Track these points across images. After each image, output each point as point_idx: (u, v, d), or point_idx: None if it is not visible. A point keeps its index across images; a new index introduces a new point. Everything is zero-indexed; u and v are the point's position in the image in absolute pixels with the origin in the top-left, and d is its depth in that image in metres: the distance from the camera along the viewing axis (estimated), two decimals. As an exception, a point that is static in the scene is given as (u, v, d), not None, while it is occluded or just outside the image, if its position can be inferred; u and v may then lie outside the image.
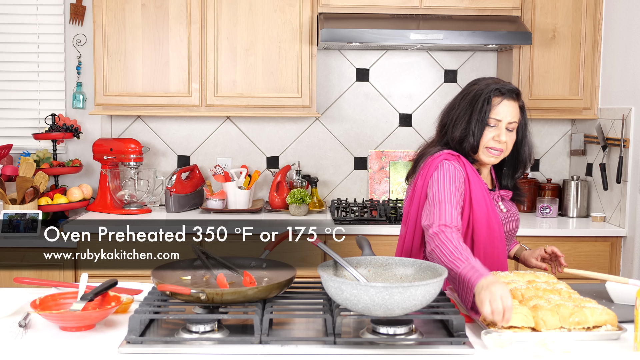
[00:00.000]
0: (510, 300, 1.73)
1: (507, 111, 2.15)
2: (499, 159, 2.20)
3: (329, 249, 1.87)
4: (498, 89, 2.16)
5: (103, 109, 3.58)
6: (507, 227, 2.27)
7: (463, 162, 2.17)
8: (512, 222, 2.30)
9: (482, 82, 2.22)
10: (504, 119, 2.15)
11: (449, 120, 2.24)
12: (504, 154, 2.20)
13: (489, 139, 2.16)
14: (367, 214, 3.52)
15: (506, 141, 2.16)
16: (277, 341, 1.65)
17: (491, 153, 2.18)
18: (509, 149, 2.20)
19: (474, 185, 2.15)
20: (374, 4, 3.51)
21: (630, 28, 3.36)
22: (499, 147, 2.16)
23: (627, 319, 1.88)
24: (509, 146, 2.19)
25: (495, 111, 2.15)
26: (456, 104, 2.24)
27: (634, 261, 3.28)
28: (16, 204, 3.39)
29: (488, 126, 2.15)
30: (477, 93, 2.18)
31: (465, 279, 1.86)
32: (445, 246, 1.95)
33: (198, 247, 2.06)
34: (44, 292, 2.04)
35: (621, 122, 3.38)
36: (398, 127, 3.96)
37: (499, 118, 2.15)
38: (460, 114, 2.20)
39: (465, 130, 2.17)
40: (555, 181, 3.93)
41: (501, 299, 1.72)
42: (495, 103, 2.15)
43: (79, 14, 3.79)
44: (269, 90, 3.57)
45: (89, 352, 1.63)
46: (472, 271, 1.85)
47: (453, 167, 2.13)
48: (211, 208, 3.67)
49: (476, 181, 2.16)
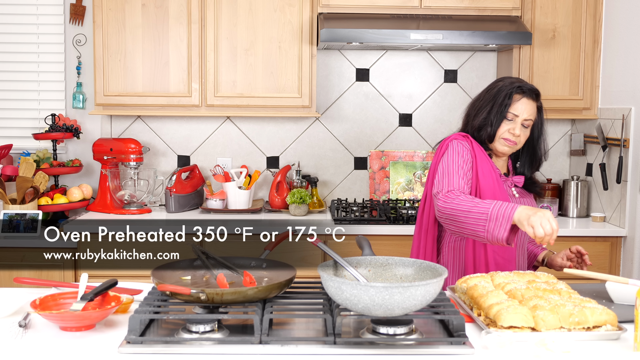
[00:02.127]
0: (556, 222, 1.99)
1: (524, 108, 2.35)
2: (512, 150, 2.39)
3: (329, 249, 1.87)
4: (520, 87, 2.37)
5: (103, 109, 3.58)
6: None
7: (471, 141, 2.37)
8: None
9: (507, 80, 2.41)
10: (521, 114, 2.35)
11: (472, 110, 2.44)
12: (517, 147, 2.38)
13: (505, 130, 2.35)
14: (367, 214, 3.52)
15: (520, 135, 2.35)
16: (277, 341, 1.64)
17: (506, 143, 2.36)
18: (521, 144, 2.39)
19: (480, 161, 2.34)
20: (374, 4, 3.51)
21: (630, 28, 3.36)
22: (512, 139, 2.35)
23: (627, 319, 1.88)
24: (522, 141, 2.38)
25: (514, 106, 2.35)
26: (481, 97, 2.44)
27: (634, 261, 3.28)
28: (16, 204, 3.39)
29: (506, 119, 2.35)
30: (501, 88, 2.38)
31: (500, 212, 2.06)
32: (460, 199, 2.16)
33: (198, 247, 2.06)
34: (44, 292, 2.03)
35: (621, 122, 3.38)
36: (398, 127, 3.96)
37: (516, 113, 2.34)
38: (482, 105, 2.40)
39: (485, 120, 2.37)
40: (555, 181, 3.93)
41: (549, 221, 1.97)
42: (516, 99, 2.35)
43: (79, 14, 3.79)
44: (269, 90, 3.57)
45: (89, 352, 1.63)
46: (504, 205, 2.07)
47: (461, 145, 2.35)
48: (211, 208, 3.67)
49: (482, 158, 2.35)
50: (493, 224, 2.07)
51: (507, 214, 2.04)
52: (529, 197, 2.48)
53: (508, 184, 2.42)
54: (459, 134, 2.40)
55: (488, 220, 2.08)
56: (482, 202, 2.13)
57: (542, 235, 1.97)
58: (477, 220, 2.09)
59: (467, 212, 2.12)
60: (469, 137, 2.38)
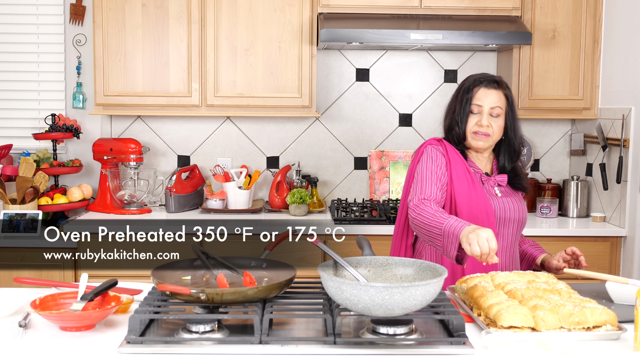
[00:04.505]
0: (495, 242, 1.94)
1: (487, 98, 2.35)
2: (488, 142, 2.36)
3: (329, 249, 1.87)
4: (478, 79, 2.38)
5: (103, 109, 3.58)
6: (502, 211, 2.36)
7: (445, 145, 2.38)
8: (508, 207, 2.37)
9: (470, 77, 2.43)
10: (485, 104, 2.34)
11: (443, 115, 2.48)
12: (492, 138, 2.36)
13: (473, 124, 2.35)
14: (367, 214, 3.52)
15: (489, 125, 2.34)
16: (277, 341, 1.64)
17: (478, 137, 2.35)
18: (496, 134, 2.36)
19: (455, 164, 2.34)
20: (374, 4, 3.51)
21: (630, 28, 3.36)
22: (483, 130, 2.34)
23: (627, 319, 1.88)
24: (495, 130, 2.35)
25: (476, 98, 2.35)
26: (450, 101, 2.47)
27: (634, 261, 3.28)
28: (16, 204, 3.39)
29: (471, 113, 2.36)
30: (462, 86, 2.40)
31: (451, 230, 2.05)
32: (426, 211, 2.17)
33: (198, 247, 2.06)
34: (44, 292, 2.03)
35: (621, 122, 3.38)
36: (398, 127, 3.96)
37: (480, 104, 2.35)
38: (449, 106, 2.44)
39: (452, 120, 2.40)
40: (555, 181, 3.93)
41: (487, 241, 1.94)
42: (476, 92, 2.36)
43: (79, 14, 3.79)
44: (269, 90, 3.57)
45: (89, 352, 1.63)
46: (456, 222, 2.06)
47: (435, 150, 2.36)
48: (211, 208, 3.67)
49: (457, 161, 2.35)
50: (446, 240, 2.08)
51: (456, 232, 2.04)
52: (515, 196, 2.43)
53: (490, 184, 2.39)
54: (433, 139, 2.42)
55: (442, 235, 2.09)
56: (442, 216, 2.12)
57: (478, 253, 1.95)
58: (436, 235, 2.11)
59: (428, 225, 2.14)
60: (443, 142, 2.39)
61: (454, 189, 2.32)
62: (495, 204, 2.35)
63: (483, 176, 2.40)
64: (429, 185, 2.28)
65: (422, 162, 2.35)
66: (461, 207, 2.31)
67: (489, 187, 2.39)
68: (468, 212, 2.30)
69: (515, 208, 2.39)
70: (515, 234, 2.41)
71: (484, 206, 2.32)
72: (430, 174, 2.31)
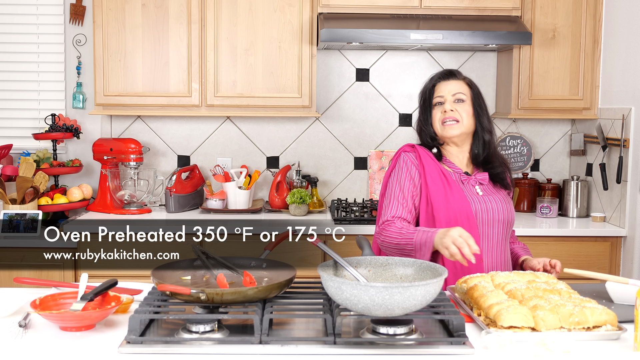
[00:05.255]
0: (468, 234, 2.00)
1: (446, 88, 2.36)
2: (459, 129, 2.33)
3: (329, 249, 1.87)
4: (434, 76, 2.41)
5: (103, 109, 3.58)
6: (484, 212, 2.31)
7: (418, 150, 2.37)
8: (491, 207, 2.32)
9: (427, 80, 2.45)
10: (446, 94, 2.35)
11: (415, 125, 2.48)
12: (462, 123, 2.33)
13: (438, 112, 2.35)
14: (367, 214, 3.52)
15: (456, 109, 2.33)
16: (277, 341, 1.64)
17: (447, 125, 2.33)
18: (465, 119, 2.34)
19: (428, 168, 2.33)
20: (374, 4, 3.51)
21: (630, 28, 3.36)
22: (449, 116, 2.32)
23: (627, 319, 1.88)
24: (463, 116, 2.33)
25: (436, 92, 2.37)
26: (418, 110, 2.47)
27: (634, 261, 3.29)
28: (16, 204, 3.39)
29: (437, 105, 2.35)
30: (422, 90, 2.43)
31: (422, 241, 2.11)
32: (391, 231, 2.21)
33: (198, 247, 2.06)
34: (44, 292, 2.03)
35: (621, 122, 3.38)
36: (398, 127, 3.96)
37: (441, 94, 2.35)
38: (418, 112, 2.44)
39: (419, 121, 2.41)
40: (555, 181, 3.93)
41: (460, 236, 1.99)
42: (436, 87, 2.37)
43: (79, 14, 3.79)
44: (269, 90, 3.57)
45: (89, 352, 1.63)
46: (426, 232, 2.12)
47: (407, 157, 2.35)
48: (211, 208, 3.67)
49: (430, 164, 2.33)
50: (419, 254, 2.13)
51: (428, 242, 2.10)
52: (498, 194, 2.38)
53: (471, 183, 2.35)
54: (407, 145, 2.42)
55: (415, 250, 2.15)
56: (408, 232, 2.17)
57: (456, 252, 2.00)
58: (409, 251, 2.16)
59: (398, 245, 2.19)
60: (416, 147, 2.39)
61: (430, 193, 2.30)
62: (476, 204, 2.30)
63: (463, 176, 2.36)
64: (395, 204, 2.30)
65: (393, 175, 2.37)
66: (438, 210, 2.28)
67: (470, 187, 2.35)
68: (446, 214, 2.28)
69: (499, 207, 2.33)
70: (503, 234, 2.35)
71: (462, 208, 2.28)
72: (399, 189, 2.32)
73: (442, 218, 2.27)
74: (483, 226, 2.30)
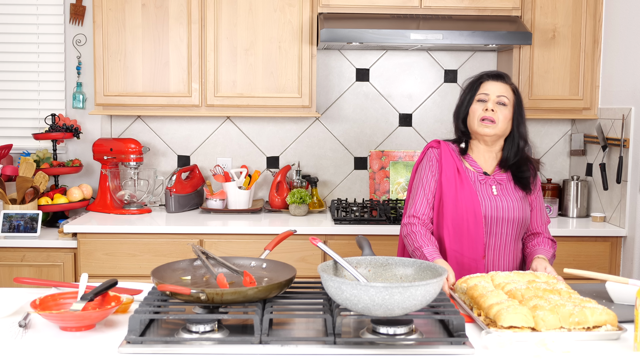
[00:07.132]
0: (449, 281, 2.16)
1: (493, 88, 2.42)
2: (494, 130, 2.39)
3: (329, 249, 1.87)
4: (485, 73, 2.48)
5: (103, 109, 3.58)
6: (494, 210, 2.39)
7: (441, 148, 2.47)
8: (502, 207, 2.40)
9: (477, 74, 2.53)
10: (491, 93, 2.41)
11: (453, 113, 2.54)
12: (498, 126, 2.39)
13: (478, 108, 2.41)
14: (367, 214, 3.52)
15: (496, 111, 2.38)
16: (277, 341, 1.65)
17: (484, 123, 2.39)
18: (502, 123, 2.39)
19: (446, 166, 2.43)
20: (374, 4, 3.51)
21: (630, 28, 3.36)
22: (489, 115, 2.38)
23: (627, 319, 1.88)
24: (500, 119, 2.39)
25: (482, 88, 2.44)
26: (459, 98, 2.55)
27: (634, 261, 3.29)
28: (16, 204, 3.39)
29: (479, 102, 2.42)
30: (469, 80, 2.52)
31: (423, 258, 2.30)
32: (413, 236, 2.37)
33: (198, 247, 2.06)
34: (44, 292, 2.04)
35: (621, 122, 3.38)
36: (398, 127, 3.96)
37: (486, 92, 2.42)
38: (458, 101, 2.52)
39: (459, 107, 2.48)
40: (555, 181, 3.93)
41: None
42: (483, 83, 2.45)
43: (79, 14, 3.79)
44: (269, 90, 3.57)
45: (89, 352, 1.63)
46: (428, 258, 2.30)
47: (431, 153, 2.48)
48: (211, 208, 3.67)
49: (449, 163, 2.43)
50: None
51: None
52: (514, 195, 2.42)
53: (489, 183, 2.42)
54: (434, 141, 2.51)
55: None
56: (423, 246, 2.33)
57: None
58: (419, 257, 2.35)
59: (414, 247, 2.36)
60: (441, 144, 2.48)
61: (443, 190, 2.41)
62: (486, 203, 2.38)
63: (480, 175, 2.43)
64: (420, 200, 2.44)
65: (420, 168, 2.50)
66: (447, 207, 2.39)
67: (486, 186, 2.42)
68: (453, 212, 2.39)
69: (512, 207, 2.40)
70: (512, 234, 2.41)
71: (470, 206, 2.37)
72: (424, 182, 2.45)
73: (449, 215, 2.38)
74: (491, 225, 2.38)
